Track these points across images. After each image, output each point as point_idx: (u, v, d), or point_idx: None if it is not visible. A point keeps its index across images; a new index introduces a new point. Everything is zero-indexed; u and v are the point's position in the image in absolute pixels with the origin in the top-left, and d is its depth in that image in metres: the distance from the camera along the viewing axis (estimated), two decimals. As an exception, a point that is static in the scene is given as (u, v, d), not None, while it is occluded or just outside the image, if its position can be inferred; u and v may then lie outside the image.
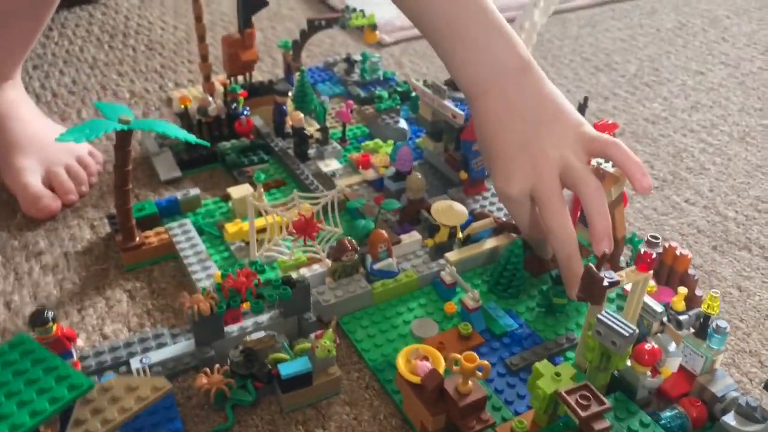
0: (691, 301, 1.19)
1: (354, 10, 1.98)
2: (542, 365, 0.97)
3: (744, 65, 2.29)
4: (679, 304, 1.07)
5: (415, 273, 1.26)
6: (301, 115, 1.60)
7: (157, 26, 2.43)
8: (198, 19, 1.60)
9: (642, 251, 1.04)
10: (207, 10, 2.58)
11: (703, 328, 1.04)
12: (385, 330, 1.17)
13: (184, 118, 1.66)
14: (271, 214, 1.11)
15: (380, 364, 1.10)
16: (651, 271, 1.05)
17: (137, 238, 1.31)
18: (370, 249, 1.23)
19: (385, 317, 1.20)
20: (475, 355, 0.91)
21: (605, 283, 1.00)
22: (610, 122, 1.32)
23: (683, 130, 1.88)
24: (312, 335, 1.08)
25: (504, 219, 1.37)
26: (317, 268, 1.23)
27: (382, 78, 2.04)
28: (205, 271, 1.25)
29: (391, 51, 2.29)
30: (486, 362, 0.91)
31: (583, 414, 0.88)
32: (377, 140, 1.64)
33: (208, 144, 1.27)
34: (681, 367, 1.05)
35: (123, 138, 1.18)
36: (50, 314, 0.97)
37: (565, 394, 0.90)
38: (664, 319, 1.09)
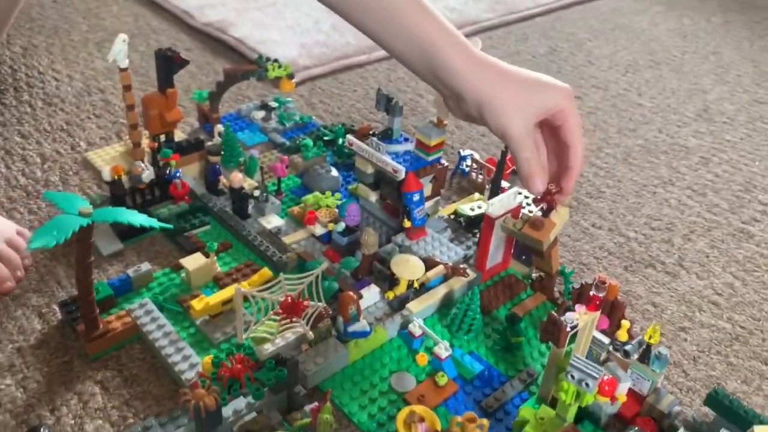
0: (621, 324, 1.36)
1: (268, 59, 2.01)
2: (525, 410, 1.10)
3: (612, 87, 2.57)
4: (623, 335, 1.23)
5: (383, 328, 1.34)
6: (240, 176, 1.62)
7: (49, 77, 2.32)
8: (127, 88, 1.58)
9: (591, 294, 1.19)
10: (104, 59, 2.49)
11: (646, 354, 1.21)
12: (366, 389, 1.25)
13: (115, 187, 1.63)
14: (258, 298, 1.15)
15: (372, 426, 1.18)
16: (599, 311, 1.20)
17: (100, 326, 1.29)
18: (341, 311, 1.30)
19: (363, 376, 1.27)
20: (474, 414, 1.02)
21: (568, 329, 1.14)
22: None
23: (580, 154, 2.09)
24: (306, 408, 1.13)
25: (451, 263, 1.48)
26: (289, 336, 1.28)
27: (299, 122, 2.09)
28: (180, 353, 1.26)
29: (299, 92, 2.34)
30: (485, 421, 1.02)
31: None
32: (316, 193, 1.70)
33: (173, 227, 1.28)
34: (630, 390, 1.22)
35: (85, 232, 1.17)
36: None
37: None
38: (610, 348, 1.25)
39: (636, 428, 1.15)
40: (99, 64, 2.43)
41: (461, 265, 1.48)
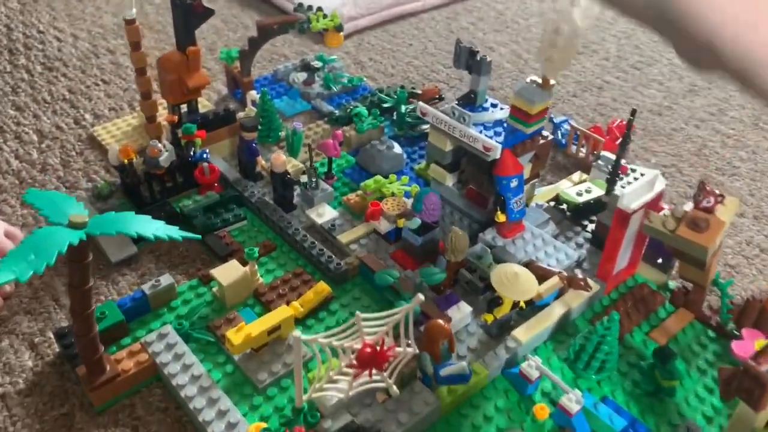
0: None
1: (310, 8, 1.64)
2: None
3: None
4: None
5: (483, 367, 1.00)
6: (283, 157, 1.27)
7: (50, 36, 1.97)
8: (135, 46, 1.22)
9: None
10: (114, 14, 2.14)
11: None
12: (469, 457, 0.91)
13: (125, 173, 1.29)
14: (326, 347, 0.81)
15: None
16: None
17: (107, 369, 0.96)
18: (429, 346, 0.95)
19: (463, 436, 0.93)
20: None
21: (776, 387, 0.77)
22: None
23: (694, 120, 1.70)
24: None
25: (566, 273, 1.12)
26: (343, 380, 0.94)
27: (348, 85, 1.72)
28: (214, 407, 0.92)
29: (344, 47, 1.96)
30: None
31: None
32: (377, 177, 1.34)
33: (200, 237, 0.94)
34: None
35: (78, 251, 0.83)
36: None
37: None
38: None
39: None
40: (108, 20, 2.07)
41: (578, 275, 1.12)
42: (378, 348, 0.81)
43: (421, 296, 0.81)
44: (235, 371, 1.01)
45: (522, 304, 1.06)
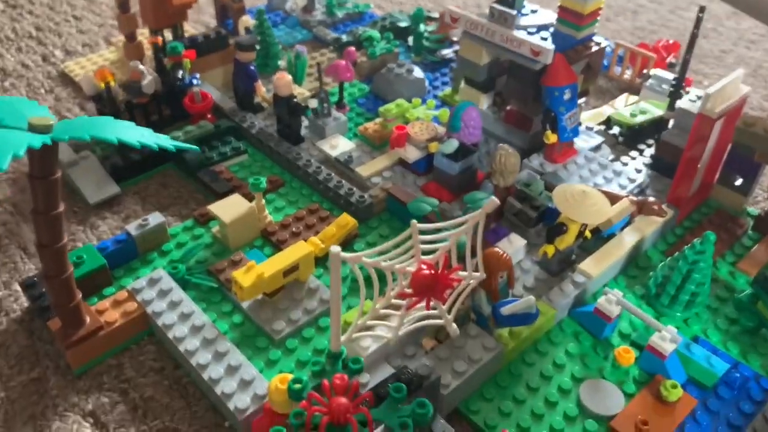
0: None
1: None
2: None
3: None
4: None
5: (550, 306, 0.82)
6: (288, 77, 1.08)
7: (14, -26, 1.75)
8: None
9: None
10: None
11: None
12: (541, 414, 0.73)
13: (103, 103, 1.09)
14: (371, 269, 0.62)
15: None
16: None
17: (87, 321, 0.77)
18: (486, 281, 0.78)
19: (531, 388, 0.76)
20: None
21: None
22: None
23: (743, 42, 1.52)
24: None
25: (633, 196, 0.94)
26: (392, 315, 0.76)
27: (354, 11, 1.53)
28: (223, 362, 0.74)
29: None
30: None
31: None
32: (400, 101, 1.15)
33: (198, 148, 0.75)
34: None
35: (43, 159, 0.64)
36: None
37: None
38: None
39: None
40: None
41: (651, 198, 0.94)
42: (439, 270, 0.63)
43: (495, 199, 0.62)
44: (245, 322, 0.82)
45: (587, 233, 0.88)
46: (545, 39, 0.99)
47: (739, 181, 0.99)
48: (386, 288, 0.65)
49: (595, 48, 1.04)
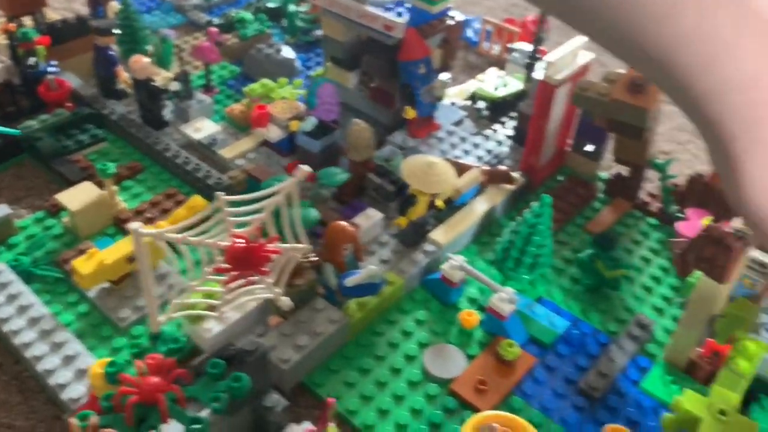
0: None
1: None
2: (689, 400, 0.61)
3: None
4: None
5: (399, 276, 0.83)
6: (145, 60, 1.05)
7: None
8: None
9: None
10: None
11: None
12: (385, 381, 0.74)
13: (-52, 93, 1.04)
14: (181, 245, 0.61)
15: (407, 447, 0.68)
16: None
17: None
18: (331, 254, 0.78)
19: (378, 357, 0.77)
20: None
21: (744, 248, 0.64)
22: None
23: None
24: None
25: (487, 166, 0.96)
26: (247, 303, 0.75)
27: (230, -5, 1.50)
28: (59, 353, 0.72)
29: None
30: None
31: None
32: (264, 81, 1.13)
33: (18, 132, 0.72)
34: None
35: None
36: None
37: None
38: (774, 272, 0.77)
39: None
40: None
41: (501, 167, 0.97)
42: (254, 242, 0.62)
43: (305, 168, 0.62)
44: (92, 311, 0.80)
45: (439, 203, 0.90)
46: (400, 14, 1.00)
47: (590, 148, 1.02)
48: (201, 264, 0.64)
49: (450, 22, 1.05)
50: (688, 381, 0.74)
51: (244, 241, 0.61)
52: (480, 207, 0.92)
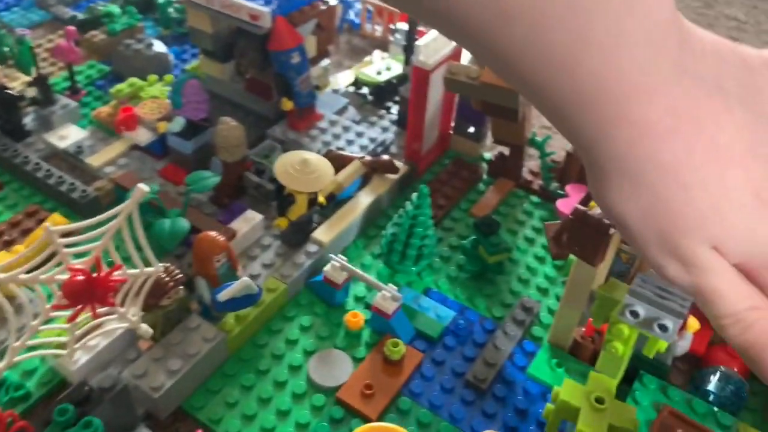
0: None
1: None
2: (566, 392, 0.61)
3: None
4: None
5: (281, 281, 0.80)
6: (-7, 68, 0.96)
7: None
8: None
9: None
10: None
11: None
12: (268, 397, 0.71)
13: None
14: (11, 284, 0.55)
15: (291, 465, 0.65)
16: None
17: None
18: (200, 267, 0.74)
19: (260, 372, 0.73)
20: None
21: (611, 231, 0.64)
22: None
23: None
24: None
25: (372, 155, 0.94)
26: (112, 328, 0.70)
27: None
28: None
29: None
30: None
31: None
32: (132, 80, 1.06)
33: None
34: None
35: None
36: None
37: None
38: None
39: (721, 368, 0.71)
40: None
41: (384, 157, 0.94)
42: (96, 273, 0.57)
43: (143, 187, 0.58)
44: (-57, 352, 0.73)
45: (321, 199, 0.86)
46: (271, 1, 0.95)
47: (471, 129, 1.01)
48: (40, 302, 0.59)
49: (323, 7, 1.01)
50: (573, 361, 0.75)
51: (82, 274, 0.55)
52: (364, 200, 0.90)
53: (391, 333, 0.76)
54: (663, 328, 0.59)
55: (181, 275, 0.70)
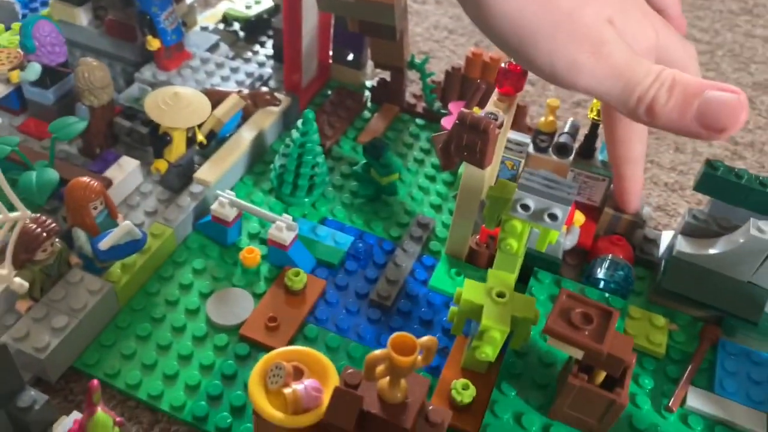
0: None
1: None
2: (468, 291, 0.62)
3: None
4: (548, 123, 0.78)
5: (167, 225, 0.75)
6: None
7: None
8: None
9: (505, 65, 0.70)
10: None
11: (590, 143, 0.78)
12: (167, 344, 0.67)
13: None
14: None
15: (199, 408, 0.63)
16: (520, 91, 0.72)
17: None
18: (75, 217, 0.69)
19: (155, 320, 0.70)
20: (410, 337, 0.51)
21: (497, 129, 0.65)
22: None
23: None
24: None
25: (246, 90, 0.90)
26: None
27: None
28: None
29: None
30: (431, 339, 0.51)
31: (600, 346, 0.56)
32: (-29, 31, 0.95)
33: None
34: (575, 204, 0.80)
35: None
36: None
37: (557, 327, 0.57)
38: (531, 149, 0.80)
39: (609, 256, 0.75)
40: None
41: (263, 89, 0.91)
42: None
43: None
44: None
45: (200, 137, 0.82)
46: (119, -68, 0.87)
47: (350, 57, 0.99)
48: None
49: (179, -63, 0.94)
50: (471, 269, 0.76)
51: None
52: (247, 135, 0.86)
53: (290, 265, 0.74)
54: (553, 217, 0.61)
55: (54, 224, 0.64)
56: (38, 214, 0.64)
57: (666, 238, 0.80)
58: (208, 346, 0.68)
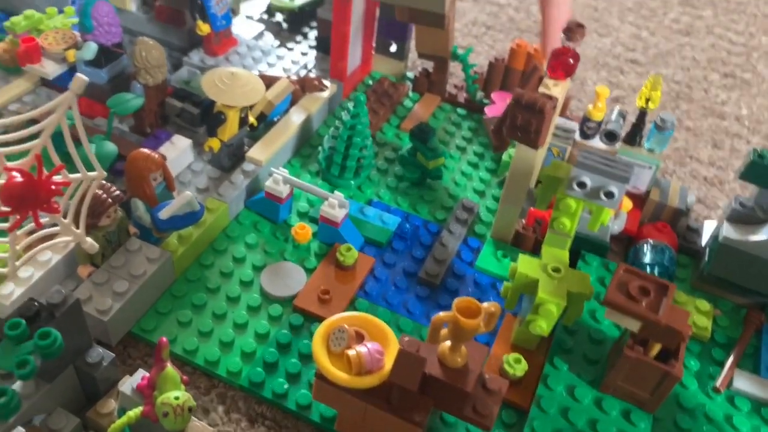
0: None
1: None
2: (523, 265, 0.63)
3: None
4: (598, 111, 0.80)
5: (221, 200, 0.77)
6: None
7: None
8: None
9: (559, 49, 0.71)
10: None
11: (637, 130, 0.80)
12: (222, 313, 0.69)
13: None
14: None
15: (256, 374, 0.64)
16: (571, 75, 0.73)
17: None
18: (135, 188, 0.70)
19: (210, 290, 0.71)
20: (475, 301, 0.52)
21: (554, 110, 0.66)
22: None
23: None
24: (127, 387, 0.55)
25: (296, 75, 0.92)
26: (45, 256, 0.66)
27: None
28: None
29: None
30: (494, 304, 0.53)
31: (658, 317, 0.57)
32: (29, 12, 0.98)
33: None
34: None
35: None
36: None
37: (616, 299, 0.58)
38: (577, 136, 0.82)
39: (649, 241, 0.76)
40: None
41: (311, 75, 0.92)
42: (36, 174, 0.53)
43: (82, 76, 0.54)
44: None
45: (252, 120, 0.84)
46: None
47: (393, 48, 1.01)
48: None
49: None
50: (517, 252, 0.77)
51: (20, 174, 0.51)
52: (296, 118, 0.88)
53: (340, 241, 0.76)
54: (609, 194, 0.62)
55: (118, 192, 0.66)
56: (103, 182, 0.66)
57: (709, 227, 0.81)
58: (263, 316, 0.69)
